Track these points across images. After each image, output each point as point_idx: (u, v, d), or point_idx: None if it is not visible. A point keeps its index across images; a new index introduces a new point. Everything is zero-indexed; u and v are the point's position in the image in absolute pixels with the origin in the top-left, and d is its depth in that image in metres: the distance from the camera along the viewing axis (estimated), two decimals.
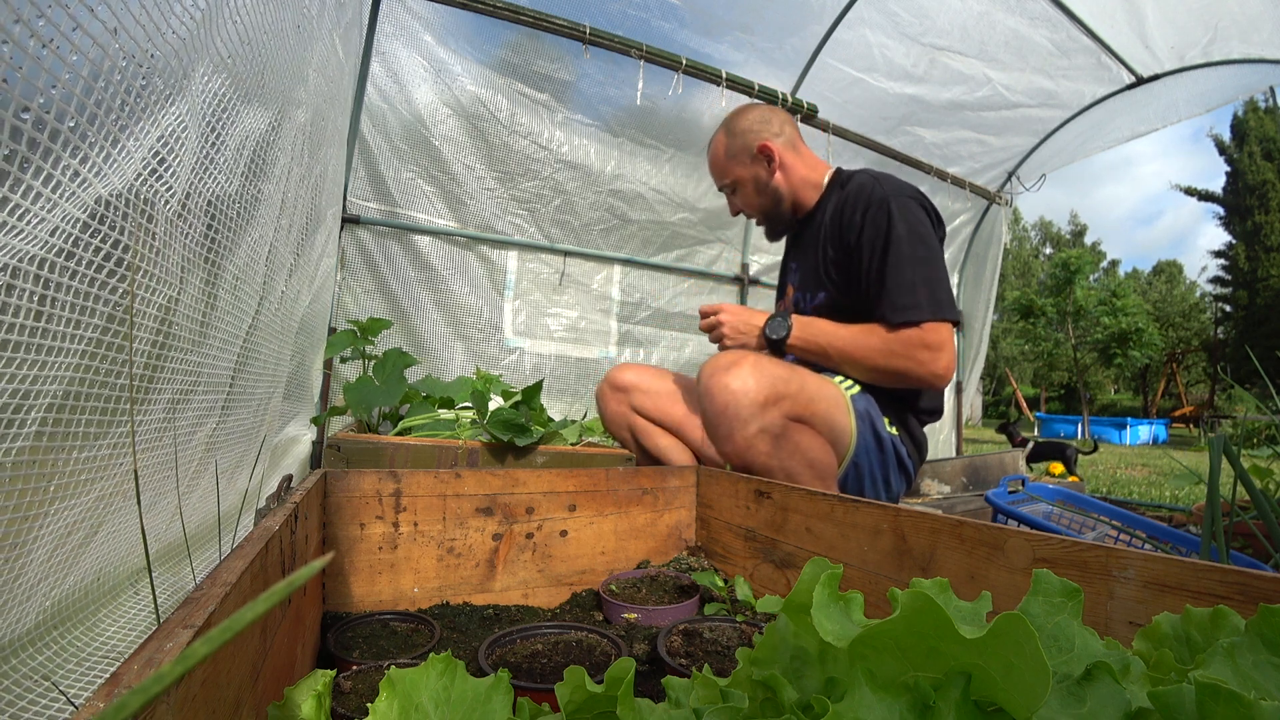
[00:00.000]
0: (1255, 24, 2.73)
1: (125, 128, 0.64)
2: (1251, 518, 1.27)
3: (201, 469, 1.01)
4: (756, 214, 1.68)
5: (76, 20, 0.54)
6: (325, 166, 1.48)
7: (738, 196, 1.67)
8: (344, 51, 1.64)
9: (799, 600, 0.34)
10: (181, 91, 0.73)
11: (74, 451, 0.66)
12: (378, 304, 2.53)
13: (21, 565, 0.61)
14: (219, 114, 0.85)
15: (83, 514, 0.69)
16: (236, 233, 0.93)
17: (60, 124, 0.55)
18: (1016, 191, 4.03)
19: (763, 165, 1.60)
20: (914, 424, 1.51)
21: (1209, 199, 29.23)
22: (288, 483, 0.97)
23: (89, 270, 0.63)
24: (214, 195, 0.86)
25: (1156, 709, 0.28)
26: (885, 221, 1.38)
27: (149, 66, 0.65)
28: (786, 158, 1.60)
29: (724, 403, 1.20)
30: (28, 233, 0.54)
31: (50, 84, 0.53)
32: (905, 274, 1.35)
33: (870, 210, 1.41)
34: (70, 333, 0.62)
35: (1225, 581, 0.48)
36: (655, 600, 0.94)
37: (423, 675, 0.39)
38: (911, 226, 1.38)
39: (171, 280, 0.79)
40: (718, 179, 1.69)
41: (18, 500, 0.59)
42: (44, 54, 0.52)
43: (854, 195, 1.46)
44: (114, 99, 0.62)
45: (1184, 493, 3.80)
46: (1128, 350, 16.67)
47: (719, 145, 1.65)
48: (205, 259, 0.87)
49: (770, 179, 1.61)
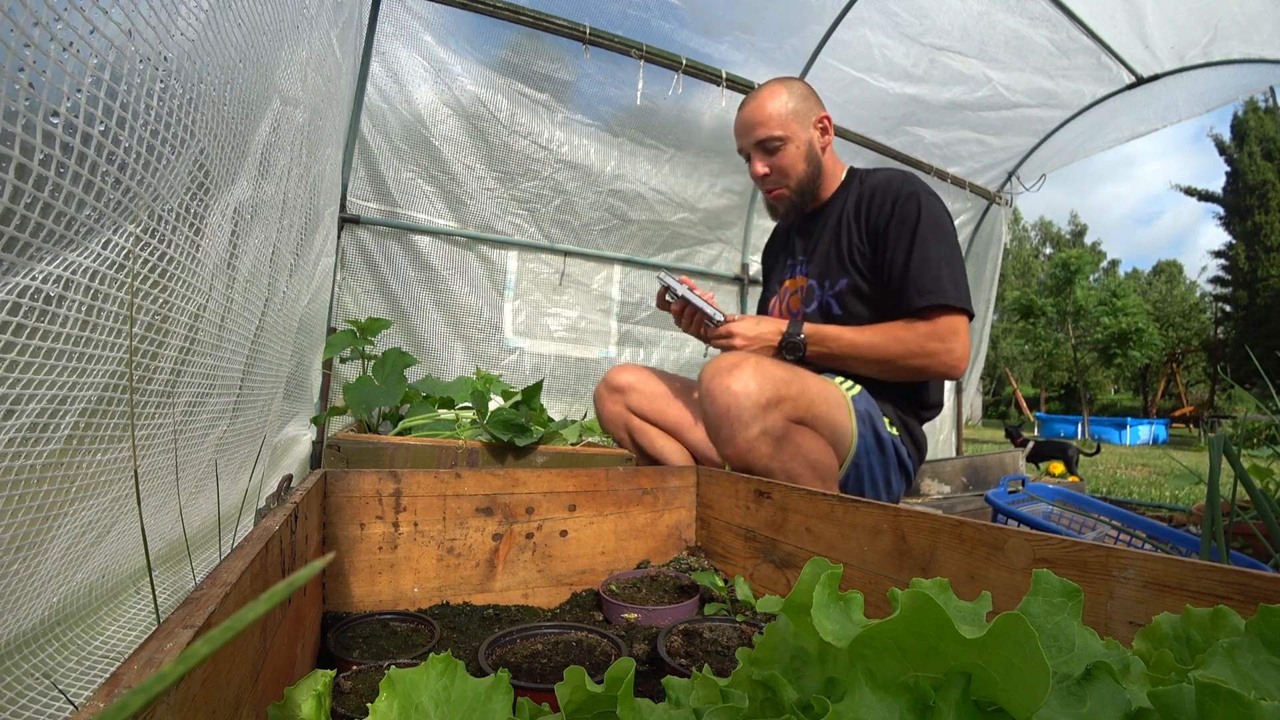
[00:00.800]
0: (1255, 24, 2.73)
1: (173, 144, 0.64)
2: (1251, 518, 1.27)
3: (209, 470, 1.01)
4: (791, 181, 1.56)
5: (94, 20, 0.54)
6: (323, 166, 1.48)
7: (780, 156, 1.53)
8: (341, 50, 1.64)
9: (799, 600, 0.34)
10: (201, 96, 0.73)
11: (98, 454, 0.66)
12: (378, 304, 2.53)
13: (37, 563, 0.61)
14: (234, 118, 0.85)
15: (99, 514, 0.70)
16: (245, 235, 0.93)
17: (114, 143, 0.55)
18: (1016, 191, 4.03)
19: (818, 134, 1.56)
20: (913, 424, 1.51)
21: (1209, 199, 29.24)
22: (288, 483, 0.97)
23: (134, 281, 0.63)
24: (238, 200, 0.86)
25: (1156, 709, 0.28)
26: (915, 211, 1.41)
27: (165, 70, 0.65)
28: (830, 141, 1.60)
29: (725, 405, 1.19)
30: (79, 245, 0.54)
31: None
32: (931, 259, 1.37)
33: (900, 200, 1.44)
34: (111, 341, 0.62)
35: (1225, 581, 0.48)
36: (655, 600, 0.94)
37: (423, 675, 0.39)
38: (939, 220, 1.41)
39: (203, 287, 0.79)
40: (765, 130, 1.51)
41: (42, 500, 0.59)
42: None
43: (883, 186, 1.49)
44: (139, 101, 0.62)
45: (1184, 493, 3.80)
46: (1128, 350, 16.67)
47: (777, 97, 1.52)
48: (228, 264, 0.87)
49: (821, 151, 1.57)
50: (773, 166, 1.54)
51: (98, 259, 0.57)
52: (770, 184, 1.58)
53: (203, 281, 0.77)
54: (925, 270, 1.37)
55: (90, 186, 0.55)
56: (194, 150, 0.69)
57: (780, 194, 1.58)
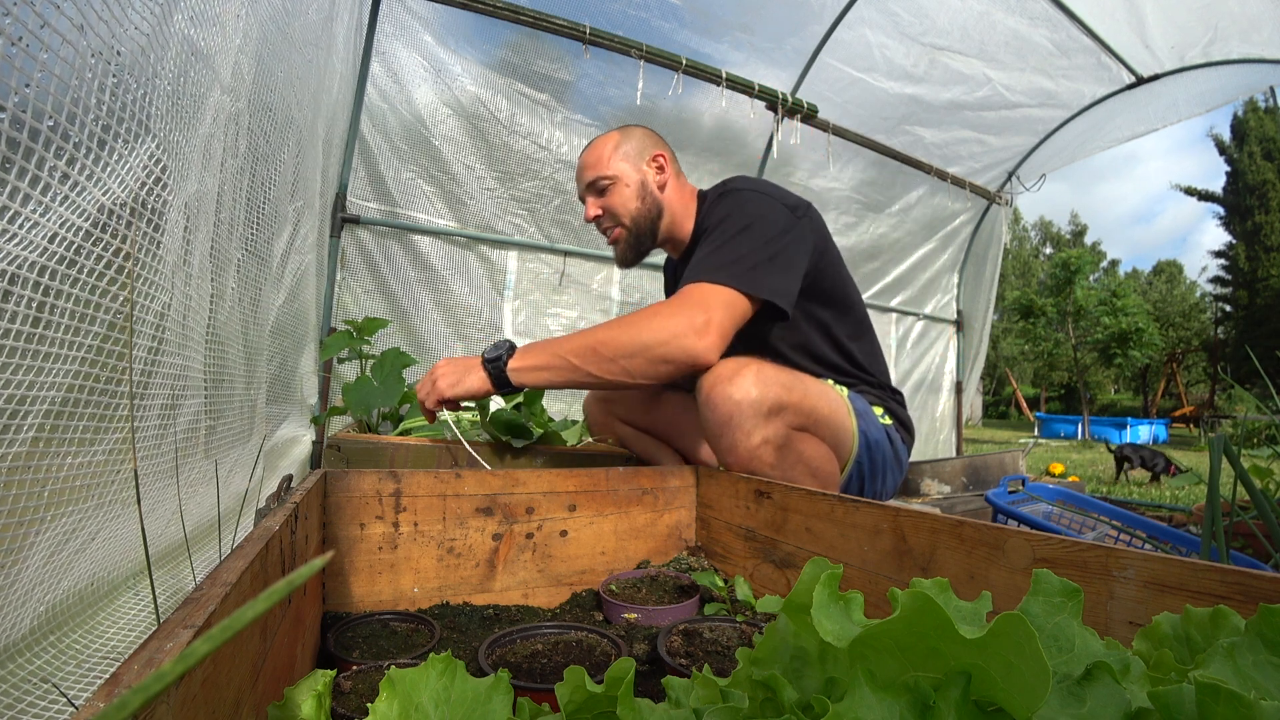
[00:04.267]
0: (1255, 24, 2.73)
1: (124, 135, 0.64)
2: (1251, 518, 1.27)
3: (187, 470, 1.01)
4: (626, 219, 1.49)
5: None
6: (293, 160, 1.46)
7: (610, 196, 1.48)
8: (329, 48, 1.63)
9: (799, 600, 0.34)
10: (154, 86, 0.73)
11: (69, 457, 0.66)
12: (378, 304, 2.53)
13: (17, 571, 0.61)
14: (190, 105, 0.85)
15: (81, 519, 0.69)
16: (193, 229, 0.91)
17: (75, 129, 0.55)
18: (1016, 191, 4.03)
19: (653, 172, 1.50)
20: (897, 408, 1.51)
21: (1209, 199, 29.25)
22: (288, 483, 0.97)
23: (90, 278, 0.63)
24: (192, 193, 0.85)
25: (1156, 709, 0.28)
26: (720, 216, 1.35)
27: (117, 64, 0.65)
28: (673, 177, 1.53)
29: (727, 413, 1.16)
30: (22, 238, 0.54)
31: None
32: (715, 251, 1.29)
33: (713, 213, 1.39)
34: (69, 339, 0.62)
35: (1225, 581, 0.48)
36: (655, 600, 0.94)
37: (423, 675, 0.39)
38: (743, 215, 1.32)
39: (165, 284, 0.79)
40: (592, 172, 1.48)
41: (12, 505, 0.59)
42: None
43: (710, 209, 1.44)
44: (90, 98, 0.61)
45: (1184, 493, 3.81)
46: (1128, 350, 16.67)
47: (609, 142, 1.50)
48: (183, 260, 0.87)
49: (656, 189, 1.50)
50: (604, 207, 1.50)
51: (44, 254, 0.56)
52: (604, 224, 1.53)
53: (163, 277, 0.76)
54: (703, 260, 1.27)
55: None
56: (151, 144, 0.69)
57: (617, 234, 1.52)
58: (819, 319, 1.45)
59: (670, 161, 1.53)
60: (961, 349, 4.41)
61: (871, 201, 3.65)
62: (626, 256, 1.55)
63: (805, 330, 1.45)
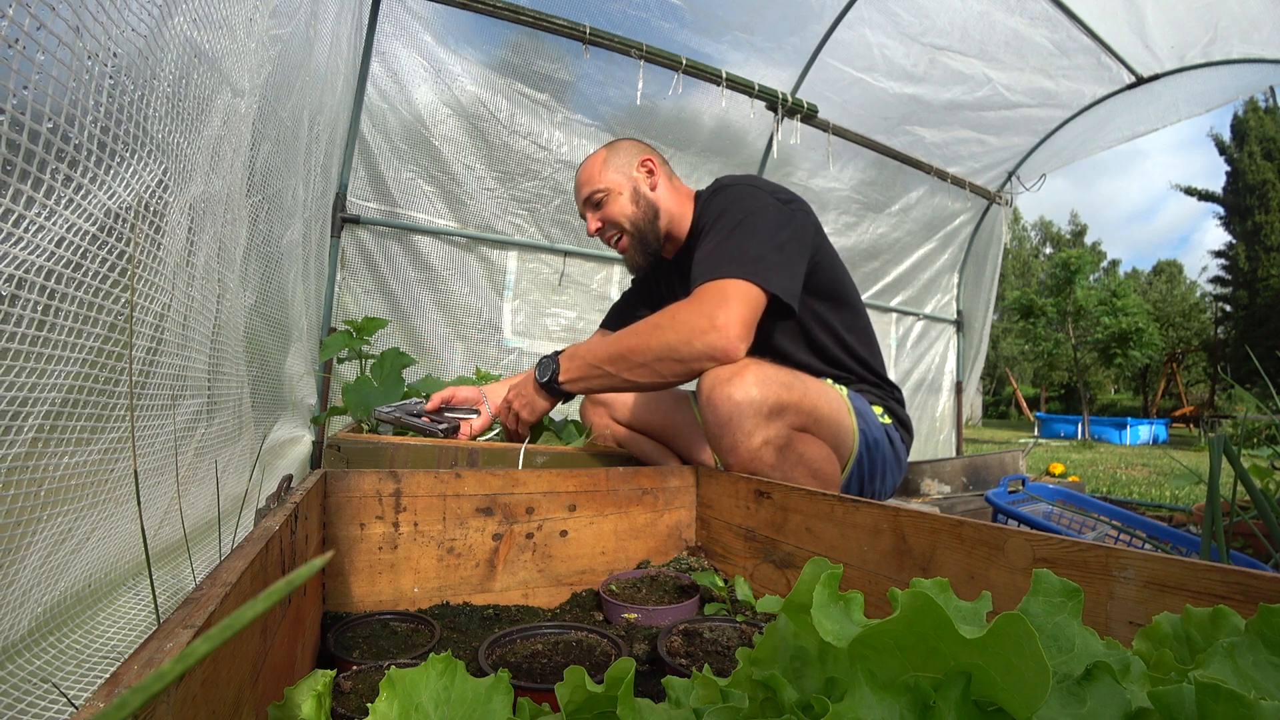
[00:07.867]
0: (1255, 24, 2.73)
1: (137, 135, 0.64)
2: (1251, 518, 1.27)
3: (189, 474, 1.01)
4: (626, 225, 1.54)
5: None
6: (294, 158, 1.46)
7: (607, 208, 1.54)
8: (329, 47, 1.62)
9: (799, 600, 0.34)
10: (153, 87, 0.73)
11: (65, 457, 0.66)
12: (377, 304, 2.53)
13: (15, 571, 0.61)
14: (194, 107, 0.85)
15: (75, 518, 0.69)
16: (198, 230, 0.92)
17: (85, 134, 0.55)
18: (1016, 191, 4.03)
19: (643, 176, 1.55)
20: (896, 407, 1.51)
21: (1209, 199, 29.24)
22: (288, 483, 0.97)
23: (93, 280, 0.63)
24: (197, 194, 0.86)
25: (1156, 709, 0.28)
26: (721, 209, 1.38)
27: (115, 65, 0.65)
28: (664, 178, 1.57)
29: (728, 414, 1.16)
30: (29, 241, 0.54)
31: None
32: (725, 243, 1.30)
33: (714, 208, 1.41)
34: (72, 341, 0.62)
35: (1225, 581, 0.48)
36: (655, 600, 0.94)
37: (423, 675, 0.39)
38: (747, 211, 1.35)
39: (166, 286, 0.79)
40: (587, 189, 1.55)
41: (10, 505, 0.58)
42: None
43: (710, 205, 1.46)
44: (87, 99, 0.61)
45: (1184, 493, 3.80)
46: (1128, 350, 16.65)
47: (597, 158, 1.57)
48: (187, 261, 0.87)
49: (648, 191, 1.54)
50: (603, 218, 1.56)
51: (51, 258, 0.56)
52: (608, 234, 1.58)
53: (163, 279, 0.76)
54: (709, 256, 1.28)
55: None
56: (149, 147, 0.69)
57: (624, 242, 1.57)
58: (816, 312, 1.46)
59: (659, 164, 1.57)
60: (961, 349, 4.41)
61: (871, 201, 3.65)
62: (636, 260, 1.60)
63: (804, 323, 1.46)
